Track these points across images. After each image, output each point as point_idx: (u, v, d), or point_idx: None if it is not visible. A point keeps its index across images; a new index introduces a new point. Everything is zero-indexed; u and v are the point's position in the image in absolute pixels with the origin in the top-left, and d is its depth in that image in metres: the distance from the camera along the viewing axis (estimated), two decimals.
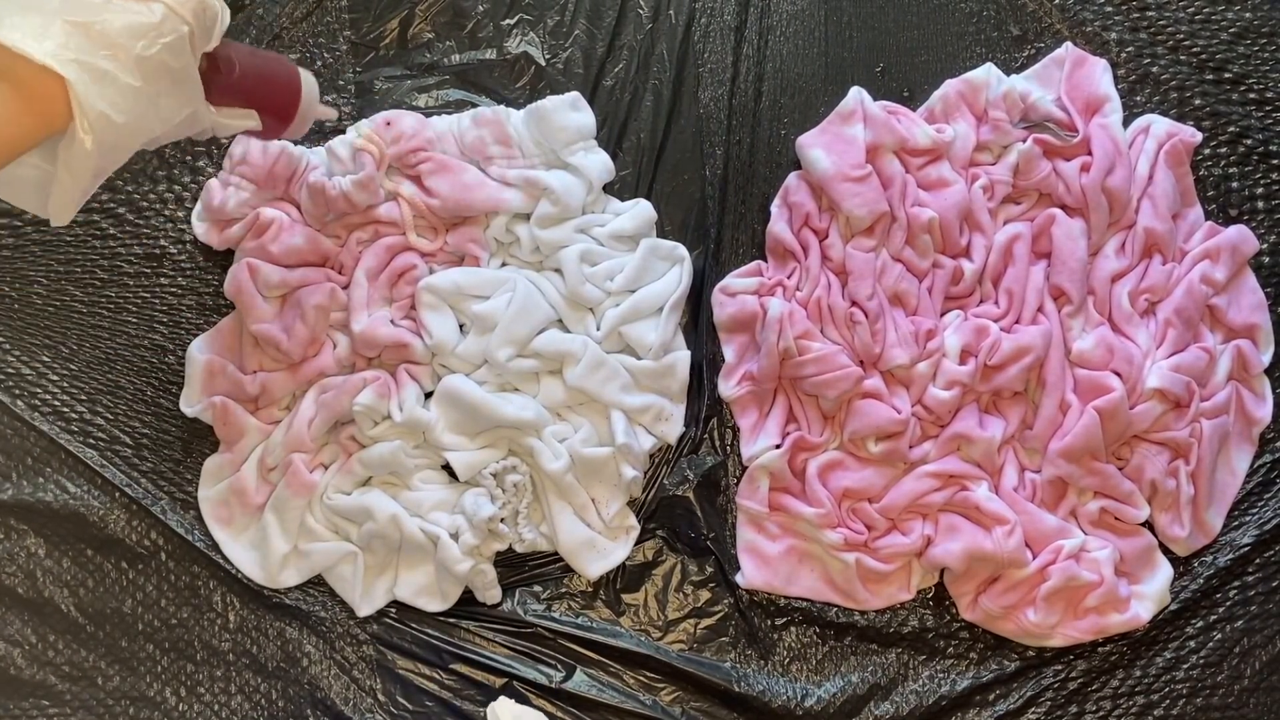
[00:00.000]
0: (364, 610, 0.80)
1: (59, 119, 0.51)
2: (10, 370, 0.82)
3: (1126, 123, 0.82)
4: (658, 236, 0.82)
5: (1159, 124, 0.81)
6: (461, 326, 0.80)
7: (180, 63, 0.55)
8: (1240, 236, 0.81)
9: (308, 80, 0.65)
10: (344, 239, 0.80)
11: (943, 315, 0.80)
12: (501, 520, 0.78)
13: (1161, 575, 0.79)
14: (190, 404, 0.80)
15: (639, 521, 0.80)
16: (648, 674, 0.80)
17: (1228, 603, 0.80)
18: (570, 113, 0.80)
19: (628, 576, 0.81)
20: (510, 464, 0.79)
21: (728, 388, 0.81)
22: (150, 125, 0.55)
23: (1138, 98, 0.84)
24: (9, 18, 0.50)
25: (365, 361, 0.80)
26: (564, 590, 0.81)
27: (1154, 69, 0.84)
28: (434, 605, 0.79)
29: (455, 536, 0.78)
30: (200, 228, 0.81)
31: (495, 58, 0.84)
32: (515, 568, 0.81)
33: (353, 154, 0.79)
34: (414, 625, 0.80)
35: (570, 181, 0.79)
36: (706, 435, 0.82)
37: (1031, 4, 0.84)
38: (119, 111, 0.52)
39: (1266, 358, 0.82)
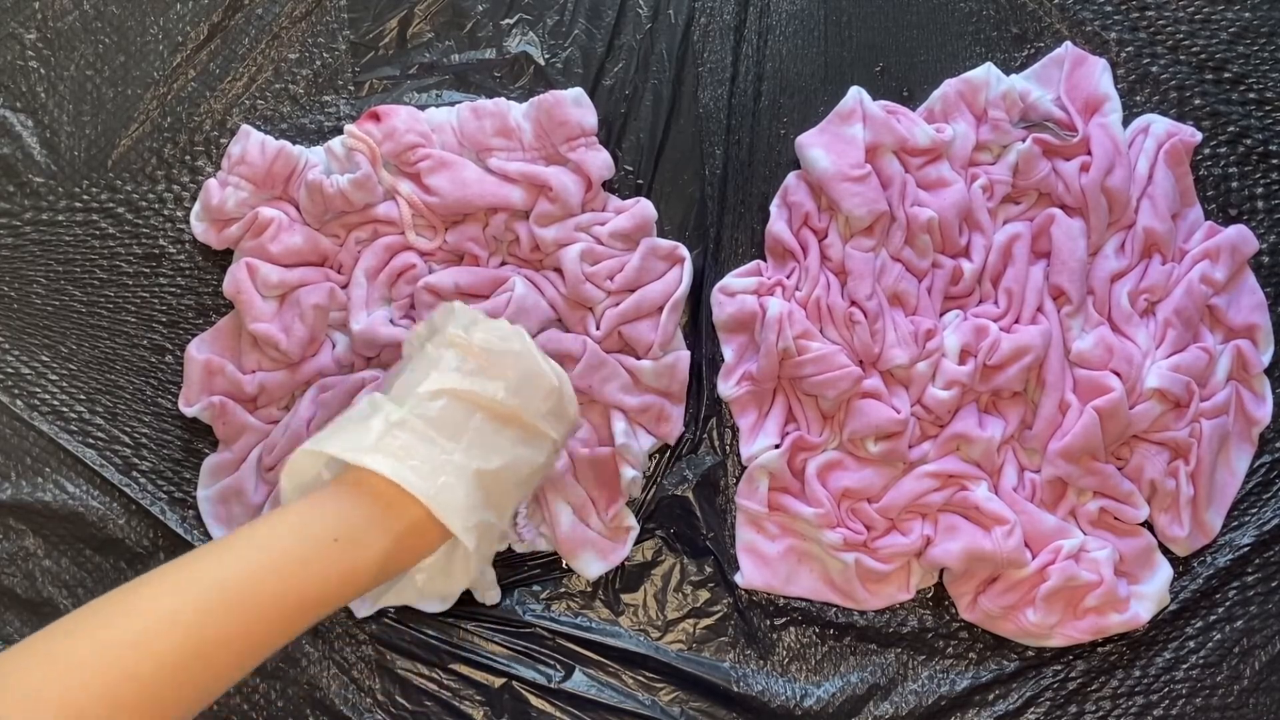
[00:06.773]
0: (363, 610, 0.80)
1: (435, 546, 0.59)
2: (9, 370, 0.82)
3: (1126, 122, 0.82)
4: (657, 236, 0.82)
5: (1159, 124, 0.81)
6: None
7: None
8: (1240, 236, 0.81)
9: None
10: (343, 238, 0.80)
11: (942, 315, 0.80)
12: None
13: (1161, 575, 0.79)
14: (189, 403, 0.80)
15: (638, 521, 0.80)
16: (647, 674, 0.80)
17: (1227, 603, 0.80)
18: (573, 108, 0.79)
19: (627, 576, 0.81)
20: None
21: (727, 388, 0.81)
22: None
23: (1138, 97, 0.84)
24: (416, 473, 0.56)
25: (364, 361, 0.80)
26: (563, 590, 0.81)
27: (1154, 69, 0.84)
28: (434, 605, 0.79)
29: None
30: (199, 227, 0.81)
31: (495, 57, 0.84)
32: (515, 568, 0.81)
33: (346, 154, 0.79)
34: (413, 625, 0.80)
35: (570, 178, 0.79)
36: (706, 435, 0.82)
37: (1031, 4, 0.84)
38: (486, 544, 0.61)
39: (1266, 358, 0.82)
